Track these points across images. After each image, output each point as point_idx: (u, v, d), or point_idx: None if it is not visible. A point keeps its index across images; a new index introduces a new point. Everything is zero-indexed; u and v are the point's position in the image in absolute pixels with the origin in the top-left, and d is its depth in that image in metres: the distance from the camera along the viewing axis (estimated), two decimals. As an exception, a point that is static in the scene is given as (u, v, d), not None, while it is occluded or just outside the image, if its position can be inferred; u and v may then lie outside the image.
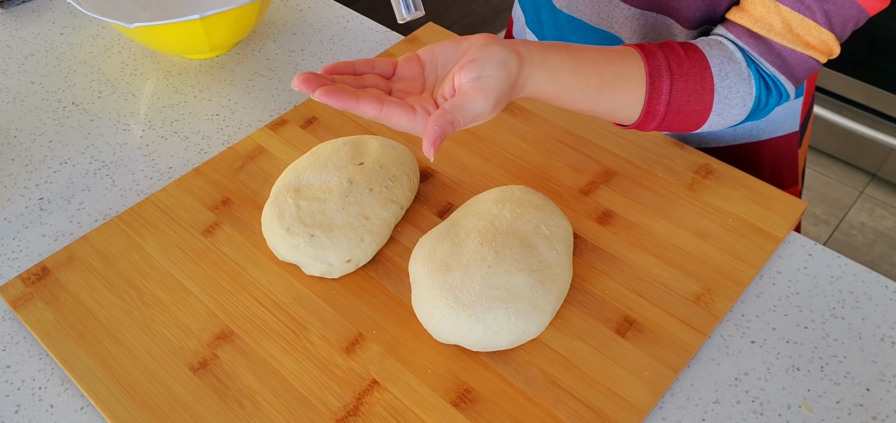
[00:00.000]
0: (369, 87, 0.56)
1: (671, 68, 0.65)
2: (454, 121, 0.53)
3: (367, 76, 0.57)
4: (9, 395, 0.62)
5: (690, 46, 0.67)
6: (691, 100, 0.66)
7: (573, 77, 0.61)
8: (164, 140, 0.85)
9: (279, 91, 0.92)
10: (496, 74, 0.55)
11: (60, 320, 0.65)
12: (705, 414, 0.59)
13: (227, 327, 0.65)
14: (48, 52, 0.98)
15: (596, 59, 0.63)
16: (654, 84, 0.65)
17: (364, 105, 0.53)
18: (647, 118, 0.66)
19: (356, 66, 0.56)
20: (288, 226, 0.68)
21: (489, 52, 0.56)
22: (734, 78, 0.68)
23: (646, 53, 0.65)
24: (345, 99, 0.52)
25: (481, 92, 0.54)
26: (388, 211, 0.70)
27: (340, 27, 1.01)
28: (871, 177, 2.05)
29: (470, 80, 0.55)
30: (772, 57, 0.68)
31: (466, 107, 0.54)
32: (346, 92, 0.53)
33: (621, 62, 0.64)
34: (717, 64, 0.67)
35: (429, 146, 0.52)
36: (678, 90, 0.65)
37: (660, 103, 0.65)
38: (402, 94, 0.58)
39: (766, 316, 0.66)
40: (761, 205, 0.73)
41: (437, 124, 0.52)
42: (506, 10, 2.72)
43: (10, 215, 0.77)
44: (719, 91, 0.67)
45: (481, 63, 0.55)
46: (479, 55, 0.56)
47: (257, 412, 0.59)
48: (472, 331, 0.60)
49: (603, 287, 0.67)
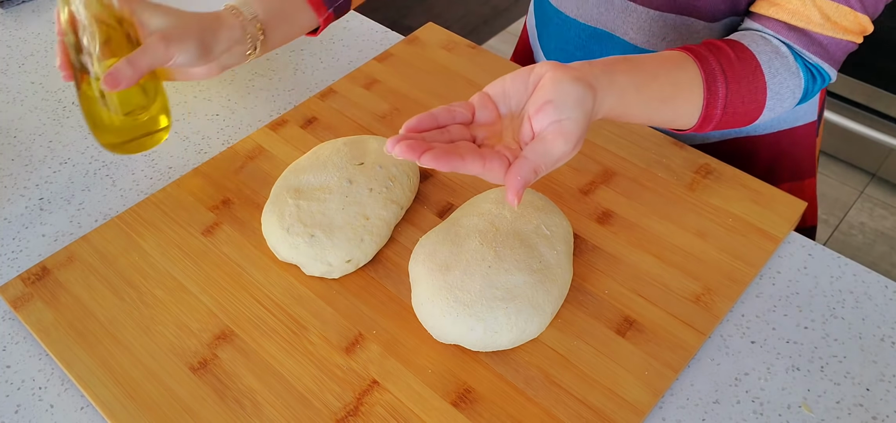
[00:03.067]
0: (457, 140, 0.55)
1: (725, 72, 0.66)
2: (536, 168, 0.53)
3: (451, 127, 0.56)
4: (9, 395, 0.62)
5: (739, 46, 0.68)
6: (746, 100, 0.67)
7: (638, 94, 0.61)
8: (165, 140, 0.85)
9: (279, 91, 0.92)
10: (574, 115, 0.54)
11: (60, 320, 0.65)
12: (705, 414, 0.59)
13: (227, 327, 0.65)
14: (48, 52, 0.98)
15: (657, 72, 0.63)
16: (711, 89, 0.65)
17: (469, 164, 0.52)
18: (704, 123, 0.67)
19: (438, 118, 0.55)
20: (288, 226, 0.68)
21: (564, 90, 0.54)
22: (784, 73, 0.68)
23: (699, 60, 0.66)
24: (452, 161, 0.52)
25: (562, 136, 0.54)
26: (388, 211, 0.70)
27: (340, 27, 1.01)
28: (871, 177, 2.05)
29: (549, 123, 0.54)
30: (814, 47, 0.68)
31: (548, 153, 0.53)
32: (452, 154, 0.52)
33: (679, 72, 0.64)
34: (766, 61, 0.68)
35: (512, 196, 0.52)
36: (733, 93, 0.66)
37: (716, 107, 0.66)
38: (486, 141, 0.57)
39: (766, 316, 0.66)
40: (761, 205, 0.73)
41: (520, 173, 0.52)
42: (506, 9, 2.72)
43: (10, 215, 0.77)
44: (771, 88, 0.68)
45: (558, 105, 0.54)
46: (554, 96, 0.54)
47: (257, 412, 0.59)
48: (472, 331, 0.60)
49: (603, 287, 0.67)
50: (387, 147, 0.52)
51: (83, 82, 0.69)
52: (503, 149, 0.55)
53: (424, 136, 0.54)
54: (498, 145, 0.55)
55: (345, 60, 0.96)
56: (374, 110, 0.86)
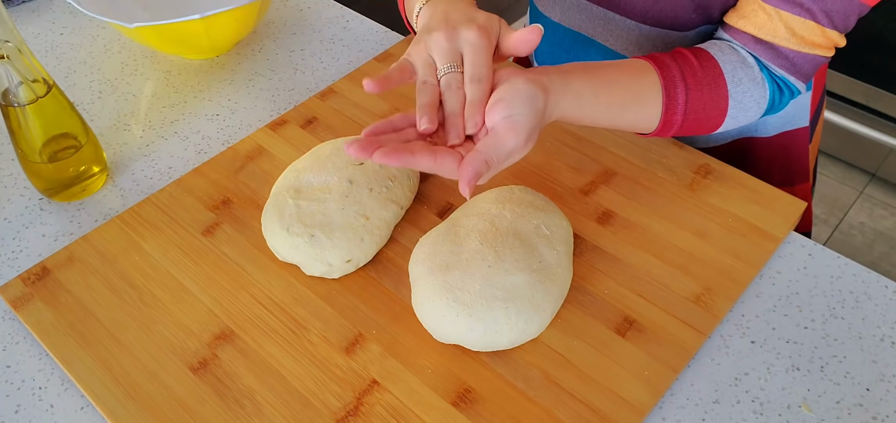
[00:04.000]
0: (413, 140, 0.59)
1: (685, 79, 0.67)
2: (488, 160, 0.56)
3: (408, 130, 0.59)
4: (9, 395, 0.62)
5: (704, 54, 0.69)
6: (707, 107, 0.68)
7: (595, 100, 0.64)
8: (164, 140, 0.85)
9: (279, 91, 0.92)
10: (524, 110, 0.57)
11: (60, 320, 0.65)
12: (705, 414, 0.59)
13: (227, 328, 0.65)
14: (48, 52, 0.98)
15: (615, 78, 0.65)
16: (671, 96, 0.67)
17: (419, 159, 0.56)
18: (664, 128, 0.68)
19: (396, 124, 0.59)
20: (288, 226, 0.68)
21: (515, 88, 0.58)
22: (748, 83, 0.69)
23: (660, 67, 0.67)
24: (403, 156, 0.55)
25: (512, 130, 0.57)
26: (388, 211, 0.70)
27: (340, 27, 1.01)
28: (871, 177, 2.05)
29: (500, 119, 0.57)
30: (780, 60, 0.69)
31: (499, 146, 0.57)
32: (402, 150, 0.55)
33: (638, 79, 0.66)
34: (729, 70, 0.68)
35: (465, 186, 0.55)
36: (693, 100, 0.67)
37: (676, 113, 0.67)
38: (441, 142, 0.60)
39: (766, 316, 0.66)
40: (761, 205, 0.73)
41: (472, 165, 0.55)
42: (506, 9, 2.72)
43: (10, 215, 0.77)
44: (734, 96, 0.69)
45: (509, 102, 0.57)
46: (505, 94, 0.58)
47: (257, 412, 0.59)
48: (472, 330, 0.60)
49: (603, 287, 0.67)
50: (345, 149, 0.55)
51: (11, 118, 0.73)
52: (461, 148, 0.58)
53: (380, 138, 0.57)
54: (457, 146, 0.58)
55: (345, 60, 0.96)
56: (374, 110, 0.86)
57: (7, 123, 0.72)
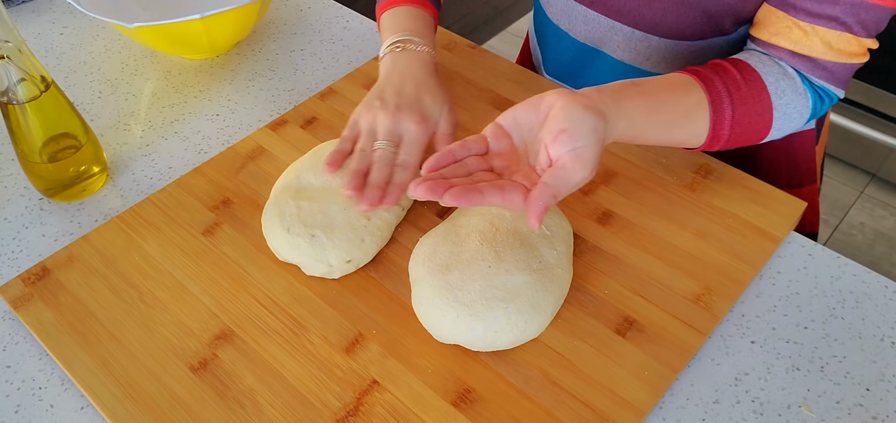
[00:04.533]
0: (474, 171, 0.59)
1: (731, 94, 0.67)
2: (556, 193, 0.56)
3: (468, 160, 0.59)
4: (9, 395, 0.62)
5: (746, 67, 0.69)
6: (752, 120, 0.68)
7: (647, 120, 0.63)
8: (164, 140, 0.85)
9: (279, 91, 0.92)
10: (588, 141, 0.57)
11: (60, 320, 0.65)
12: (705, 414, 0.59)
13: (227, 328, 0.65)
14: (48, 52, 0.98)
15: (665, 98, 0.65)
16: (717, 111, 0.67)
17: (489, 197, 0.56)
18: (711, 142, 0.68)
19: (455, 154, 0.59)
20: (288, 226, 0.68)
21: (576, 118, 0.57)
22: (791, 94, 0.69)
23: (705, 82, 0.67)
24: (472, 196, 0.55)
25: (579, 163, 0.56)
26: (389, 211, 0.70)
27: (340, 27, 1.01)
28: (871, 177, 2.05)
29: (566, 152, 0.57)
30: (819, 72, 0.69)
31: (567, 179, 0.56)
32: (471, 190, 0.55)
33: (686, 96, 0.66)
34: (772, 82, 0.69)
35: (534, 220, 0.54)
36: (739, 114, 0.67)
37: (723, 128, 0.67)
38: (504, 171, 0.59)
39: (766, 316, 0.66)
40: (761, 205, 0.73)
41: (541, 199, 0.55)
42: (506, 9, 2.72)
43: (10, 215, 0.77)
44: (778, 108, 0.69)
45: (573, 134, 0.57)
46: (568, 125, 0.57)
47: (257, 412, 0.59)
48: (472, 330, 0.60)
49: (603, 287, 0.67)
50: (409, 191, 0.55)
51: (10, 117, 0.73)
52: (520, 178, 0.58)
53: (443, 172, 0.57)
54: (515, 175, 0.58)
55: (345, 60, 0.96)
56: (374, 110, 0.85)
57: (7, 122, 0.72)
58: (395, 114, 0.71)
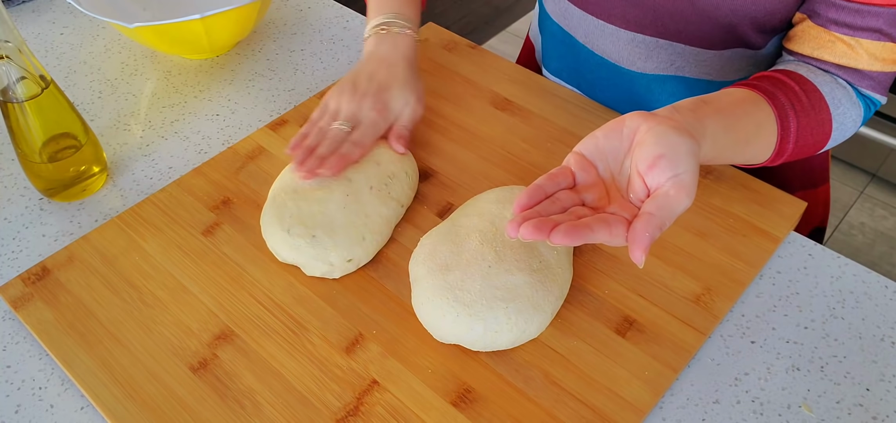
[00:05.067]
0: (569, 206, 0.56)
1: (794, 107, 0.67)
2: (662, 224, 0.52)
3: (560, 195, 0.56)
4: (9, 395, 0.62)
5: (802, 79, 0.68)
6: (814, 133, 0.68)
7: (726, 137, 0.61)
8: (164, 140, 0.85)
9: (279, 91, 0.92)
10: (689, 166, 0.53)
11: (60, 320, 0.65)
12: (705, 414, 0.59)
13: (227, 328, 0.65)
14: (48, 52, 0.98)
15: (738, 114, 0.63)
16: (784, 126, 0.66)
17: (597, 232, 0.52)
18: (776, 158, 0.68)
19: (545, 189, 0.56)
20: (288, 227, 0.68)
21: (673, 143, 0.54)
22: (847, 104, 0.69)
23: (769, 97, 0.66)
24: (582, 233, 0.52)
25: (683, 190, 0.53)
26: (388, 208, 0.70)
27: (340, 27, 1.02)
28: (871, 177, 2.05)
29: (668, 179, 0.53)
30: (865, 82, 0.69)
31: (672, 208, 0.52)
32: (580, 227, 0.52)
33: (756, 111, 0.65)
34: (828, 92, 0.69)
35: (641, 254, 0.51)
36: (802, 127, 0.67)
37: (789, 142, 0.67)
38: (596, 203, 0.56)
39: (766, 316, 0.66)
40: (761, 205, 0.73)
41: (648, 230, 0.51)
42: (507, 9, 2.72)
43: (10, 215, 0.77)
44: (836, 118, 0.69)
45: (672, 159, 0.53)
46: (665, 150, 0.53)
47: (257, 412, 0.59)
48: (472, 330, 0.60)
49: (603, 287, 0.67)
50: (508, 232, 0.52)
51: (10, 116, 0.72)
52: (615, 209, 0.54)
53: (537, 209, 0.54)
54: (610, 207, 0.55)
55: (345, 60, 0.96)
56: (374, 110, 0.86)
57: (7, 122, 0.72)
58: (359, 100, 0.75)
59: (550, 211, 0.55)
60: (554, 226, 0.52)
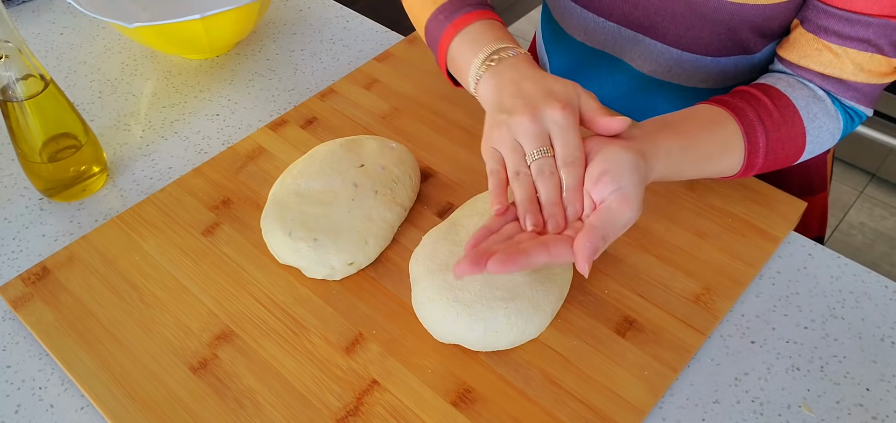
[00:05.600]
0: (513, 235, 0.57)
1: (763, 122, 0.67)
2: (605, 236, 0.54)
3: (505, 228, 0.58)
4: (9, 395, 0.62)
5: (775, 93, 0.68)
6: (786, 147, 0.68)
7: (684, 157, 0.63)
8: (164, 140, 0.85)
9: (279, 91, 0.92)
10: (631, 180, 0.56)
11: (60, 320, 0.65)
12: (705, 414, 0.59)
13: (227, 328, 0.65)
14: (48, 52, 0.98)
15: (699, 133, 0.64)
16: (752, 142, 0.66)
17: (535, 257, 0.54)
18: (746, 171, 0.68)
19: (491, 228, 0.58)
20: (290, 230, 0.68)
21: (616, 159, 0.56)
22: (823, 117, 0.69)
23: (737, 114, 0.66)
24: (519, 260, 0.53)
25: (625, 202, 0.55)
26: (392, 213, 0.70)
27: (340, 27, 1.02)
28: (871, 177, 2.05)
29: (610, 192, 0.56)
30: (849, 93, 0.69)
31: (615, 220, 0.55)
32: (516, 254, 0.54)
33: (719, 129, 0.65)
34: (803, 106, 0.68)
35: (584, 265, 0.53)
36: (773, 141, 0.67)
37: (758, 157, 0.67)
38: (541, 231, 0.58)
39: (766, 316, 0.66)
40: (761, 205, 0.73)
41: (590, 241, 0.54)
42: (507, 9, 2.72)
43: (10, 215, 0.77)
44: (810, 131, 0.69)
45: (614, 174, 0.56)
46: (608, 166, 0.56)
47: (257, 412, 0.59)
48: (472, 330, 0.60)
49: (603, 287, 0.67)
50: (455, 272, 0.54)
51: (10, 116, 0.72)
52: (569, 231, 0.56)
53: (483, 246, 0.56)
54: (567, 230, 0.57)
55: (345, 60, 0.96)
56: (374, 110, 0.86)
57: (7, 122, 0.72)
58: (531, 114, 0.59)
59: (495, 244, 0.56)
60: (490, 255, 0.53)
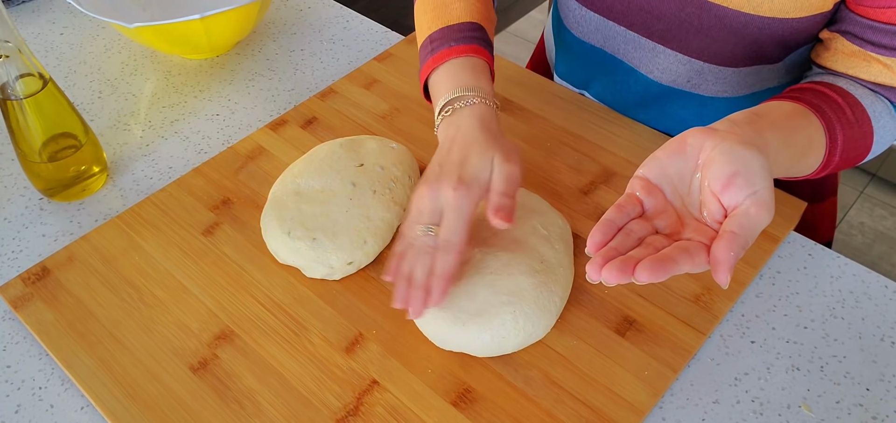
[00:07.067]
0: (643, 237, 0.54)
1: (839, 120, 0.66)
2: (745, 244, 0.51)
3: (631, 226, 0.54)
4: (9, 395, 0.62)
5: (845, 93, 0.68)
6: (857, 145, 0.68)
7: (785, 151, 0.60)
8: (164, 140, 0.85)
9: (279, 91, 0.92)
10: (765, 182, 0.52)
11: (60, 320, 0.65)
12: (705, 414, 0.59)
13: (227, 328, 0.65)
14: (48, 52, 0.98)
15: (793, 127, 0.62)
16: (832, 139, 0.66)
17: (681, 263, 0.50)
18: (823, 169, 0.67)
19: (616, 223, 0.54)
20: (289, 229, 0.68)
21: (745, 159, 0.52)
22: (887, 117, 0.69)
23: (817, 111, 0.65)
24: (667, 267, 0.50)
25: (763, 207, 0.51)
26: (390, 213, 0.70)
27: (340, 27, 1.02)
28: (871, 177, 2.05)
29: (746, 197, 0.52)
30: None
31: (754, 226, 0.51)
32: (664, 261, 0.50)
33: (808, 126, 0.64)
34: (869, 105, 0.68)
35: (726, 275, 0.49)
36: (847, 140, 0.66)
37: (835, 155, 0.66)
38: (670, 231, 0.54)
39: (765, 316, 0.66)
40: (761, 205, 0.73)
41: (732, 251, 0.50)
42: (507, 9, 2.72)
43: (10, 215, 0.77)
44: (877, 132, 0.68)
45: (748, 177, 0.52)
46: (739, 167, 0.52)
47: (257, 412, 0.59)
48: (480, 338, 0.60)
49: (603, 287, 0.67)
50: (590, 277, 0.50)
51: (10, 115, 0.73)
52: (691, 234, 0.53)
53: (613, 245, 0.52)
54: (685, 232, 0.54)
55: (345, 60, 0.96)
56: (374, 110, 0.86)
57: (7, 121, 0.72)
58: (432, 189, 0.62)
59: (626, 245, 0.52)
60: (636, 263, 0.50)
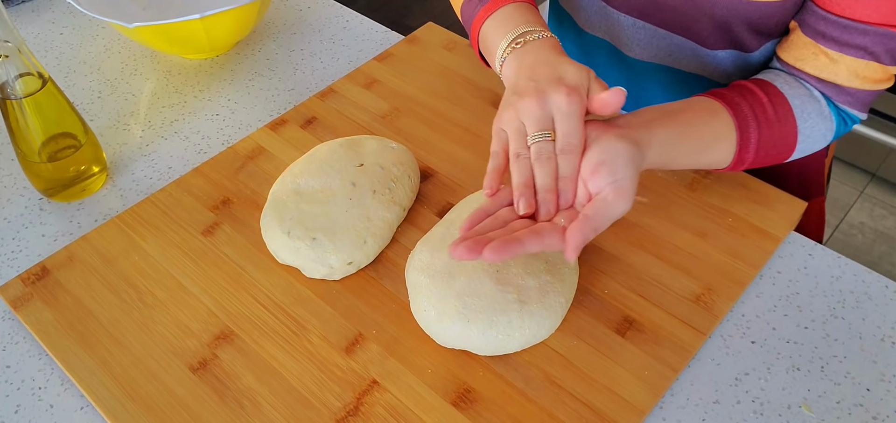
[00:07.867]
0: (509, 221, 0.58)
1: (757, 117, 0.67)
2: (596, 227, 0.55)
3: (501, 212, 0.58)
4: (9, 395, 0.62)
5: (771, 89, 0.69)
6: (777, 143, 0.68)
7: (677, 146, 0.63)
8: (164, 140, 0.85)
9: (279, 91, 0.92)
10: (628, 173, 0.56)
11: (60, 320, 0.65)
12: (705, 414, 0.59)
13: (227, 328, 0.65)
14: (48, 51, 0.98)
15: (692, 122, 0.65)
16: (744, 136, 0.67)
17: (528, 245, 0.54)
18: (736, 165, 0.68)
19: (487, 211, 0.58)
20: (289, 229, 0.68)
21: (614, 150, 0.57)
22: (816, 117, 0.69)
23: (731, 106, 0.67)
24: (512, 248, 0.54)
25: (620, 195, 0.56)
26: (390, 213, 0.70)
27: (340, 27, 1.01)
28: (871, 177, 2.05)
29: (606, 184, 0.56)
30: (842, 97, 0.69)
31: (608, 212, 0.55)
32: (510, 242, 0.54)
33: (713, 120, 0.66)
34: (798, 105, 0.69)
35: (573, 254, 0.53)
36: (765, 137, 0.67)
37: (749, 151, 0.67)
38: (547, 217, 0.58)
39: (766, 316, 0.66)
40: (761, 205, 0.73)
41: (582, 231, 0.54)
42: (506, 9, 2.72)
43: (10, 215, 0.77)
44: (802, 131, 0.69)
45: (612, 165, 0.56)
46: (606, 157, 0.56)
47: (257, 412, 0.59)
48: (484, 336, 0.60)
49: (603, 287, 0.67)
50: (450, 253, 0.54)
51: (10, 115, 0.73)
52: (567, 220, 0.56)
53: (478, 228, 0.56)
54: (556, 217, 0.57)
55: (345, 60, 0.96)
56: (374, 110, 0.86)
57: (6, 121, 0.72)
58: (537, 97, 0.59)
59: (491, 228, 0.56)
60: (486, 243, 0.53)
